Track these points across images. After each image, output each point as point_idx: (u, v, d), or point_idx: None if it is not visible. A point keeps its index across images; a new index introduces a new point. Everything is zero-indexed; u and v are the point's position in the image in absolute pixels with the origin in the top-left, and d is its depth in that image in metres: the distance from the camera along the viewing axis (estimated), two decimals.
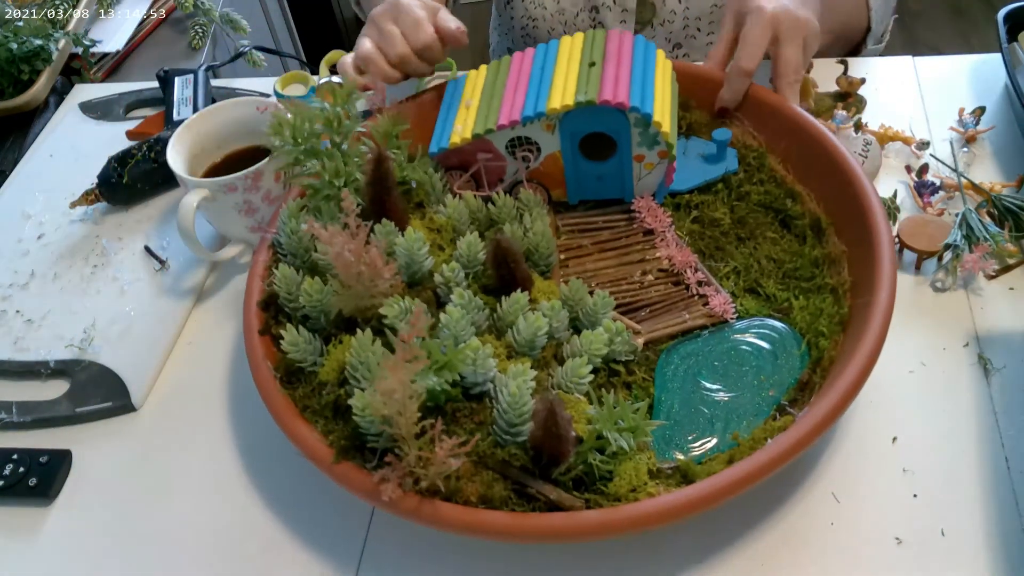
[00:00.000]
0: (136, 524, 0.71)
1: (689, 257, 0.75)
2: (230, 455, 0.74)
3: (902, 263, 0.78)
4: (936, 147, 0.87)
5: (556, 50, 0.79)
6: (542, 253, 0.73)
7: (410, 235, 0.69)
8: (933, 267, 0.77)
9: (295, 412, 0.65)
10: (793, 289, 0.72)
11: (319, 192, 0.73)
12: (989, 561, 0.60)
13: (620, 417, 0.59)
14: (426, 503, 0.58)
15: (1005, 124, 0.89)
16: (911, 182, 0.83)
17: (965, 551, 0.61)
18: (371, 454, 0.61)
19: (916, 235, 0.76)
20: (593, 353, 0.65)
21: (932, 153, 0.86)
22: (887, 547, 0.62)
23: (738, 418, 0.65)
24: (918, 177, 0.82)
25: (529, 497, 0.59)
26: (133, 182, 0.94)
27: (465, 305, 0.66)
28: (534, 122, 0.74)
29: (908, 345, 0.72)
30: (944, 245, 0.76)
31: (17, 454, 0.75)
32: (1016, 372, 0.70)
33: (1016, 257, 0.77)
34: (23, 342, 0.84)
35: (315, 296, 0.68)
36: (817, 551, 0.62)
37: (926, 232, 0.77)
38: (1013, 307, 0.74)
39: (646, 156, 0.76)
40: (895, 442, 0.67)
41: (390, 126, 0.77)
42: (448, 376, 0.60)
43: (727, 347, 0.70)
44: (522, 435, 0.60)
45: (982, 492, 0.63)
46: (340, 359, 0.66)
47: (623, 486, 0.59)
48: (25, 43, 1.15)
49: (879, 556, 0.61)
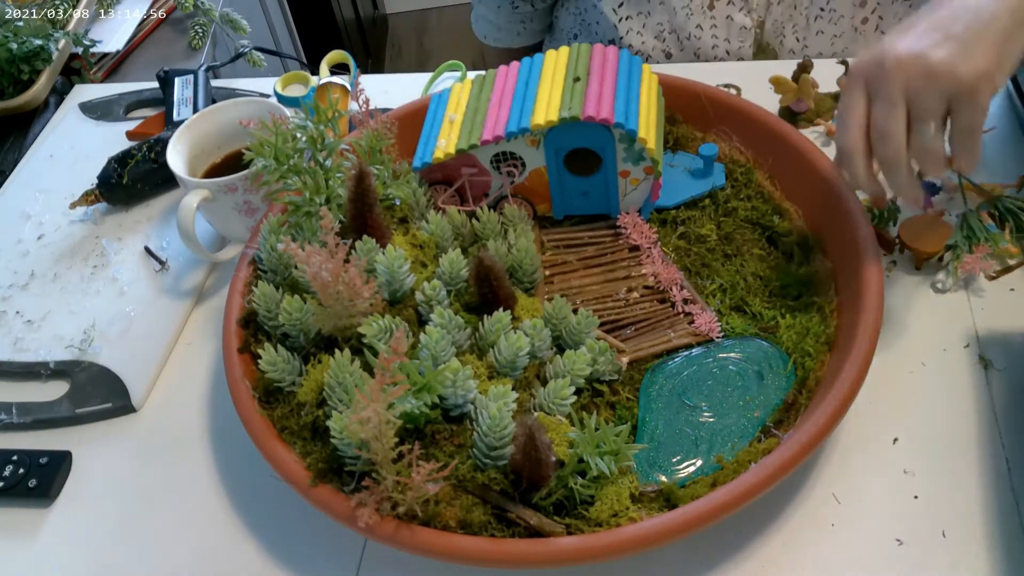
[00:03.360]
0: (136, 525, 0.70)
1: (675, 274, 0.74)
2: (230, 456, 0.74)
3: (902, 264, 0.78)
4: None
5: (541, 65, 0.78)
6: (526, 270, 0.72)
7: (391, 253, 0.68)
8: (933, 268, 0.77)
9: (273, 433, 0.64)
10: (780, 307, 0.71)
11: (300, 208, 0.73)
12: (990, 562, 0.60)
13: (602, 440, 0.58)
14: (403, 528, 0.57)
15: (1005, 125, 0.89)
16: None
17: (966, 552, 0.60)
18: (349, 477, 0.60)
19: (917, 236, 0.76)
20: (576, 374, 0.64)
21: None
22: (888, 548, 0.61)
23: (723, 440, 0.65)
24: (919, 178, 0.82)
25: (509, 522, 0.59)
26: (133, 182, 0.94)
27: (445, 325, 0.65)
28: (518, 137, 0.74)
29: (908, 346, 0.72)
30: (945, 246, 0.76)
31: (17, 455, 0.74)
32: (1017, 373, 0.69)
33: (1017, 258, 0.76)
34: (23, 343, 0.84)
35: (294, 314, 0.67)
36: (818, 552, 0.62)
37: (927, 233, 0.76)
38: (1014, 308, 0.74)
39: (631, 172, 0.75)
40: (896, 443, 0.67)
41: (373, 141, 0.76)
42: (427, 399, 0.59)
43: (712, 367, 0.69)
44: (503, 458, 0.60)
45: (983, 493, 0.63)
46: (319, 379, 0.65)
47: (605, 511, 0.58)
48: (25, 43, 1.14)
49: (880, 557, 0.61)
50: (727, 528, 0.63)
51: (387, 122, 0.77)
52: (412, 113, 0.85)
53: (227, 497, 0.71)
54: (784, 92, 0.90)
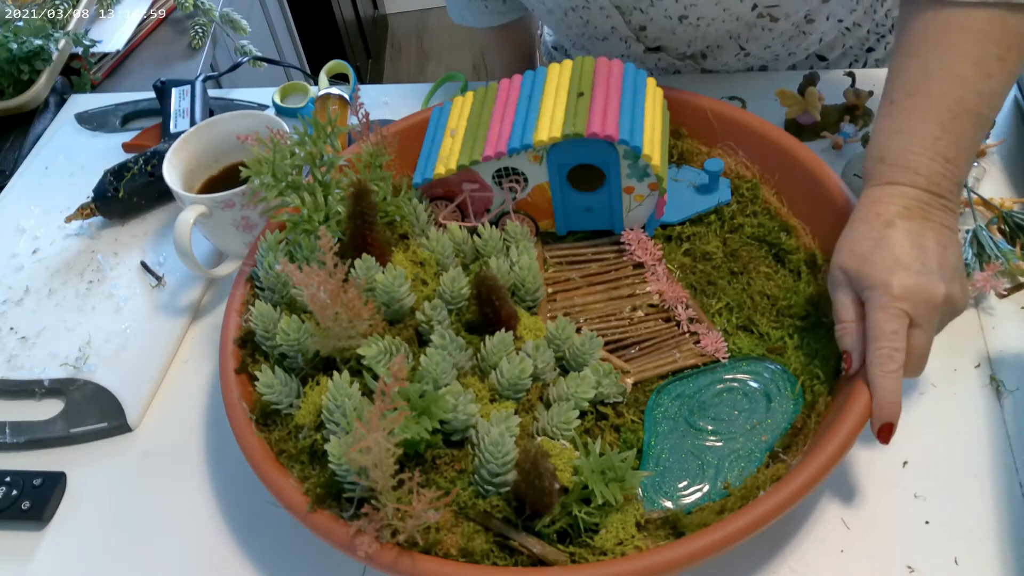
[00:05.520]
0: (131, 548, 0.69)
1: (680, 292, 0.73)
2: (228, 477, 0.72)
3: None
4: None
5: (544, 79, 0.77)
6: (528, 288, 0.71)
7: (391, 272, 0.67)
8: None
9: (271, 457, 0.63)
10: (787, 327, 0.70)
11: (298, 226, 0.71)
12: None
13: (607, 467, 0.57)
14: (404, 556, 0.56)
15: (1015, 138, 0.87)
16: None
17: None
18: (348, 503, 0.59)
19: None
20: (580, 397, 0.63)
21: None
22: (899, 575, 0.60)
23: (730, 464, 0.63)
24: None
25: (512, 550, 0.57)
26: (129, 196, 0.92)
27: (446, 346, 0.64)
28: (521, 153, 0.72)
29: None
30: None
31: (10, 476, 0.73)
32: None
33: None
34: (17, 360, 0.82)
35: (292, 335, 0.66)
36: None
37: None
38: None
39: (636, 188, 0.74)
40: (905, 466, 0.66)
41: (373, 156, 0.75)
42: (427, 424, 0.57)
43: (719, 389, 0.68)
44: (505, 485, 0.58)
45: (996, 519, 0.62)
46: (317, 402, 0.63)
47: (609, 539, 0.57)
48: (25, 43, 1.14)
49: None
50: (733, 554, 0.61)
51: (387, 136, 0.75)
52: (412, 127, 0.83)
53: (224, 519, 0.70)
54: (790, 105, 0.89)
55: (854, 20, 0.98)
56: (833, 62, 1.02)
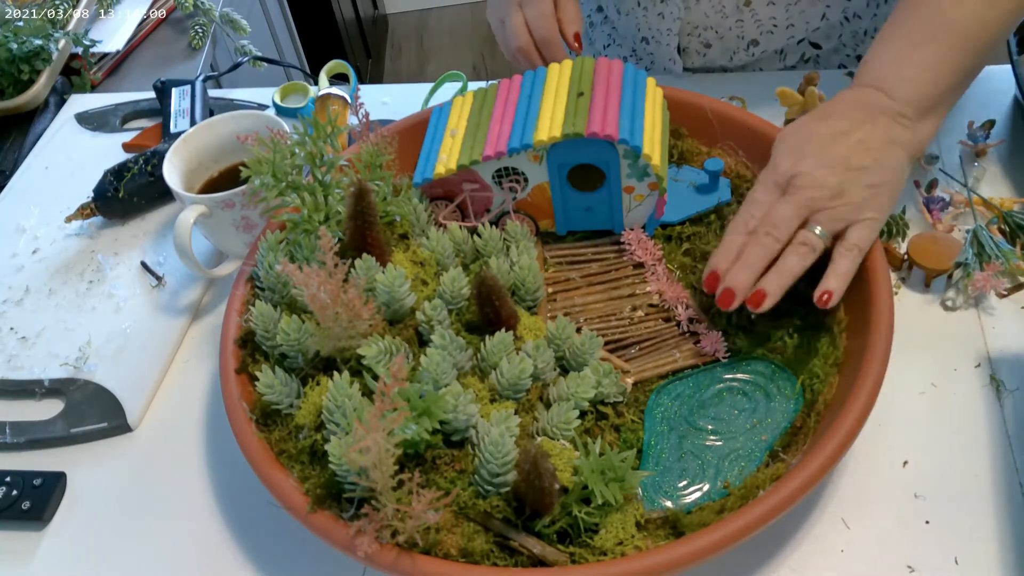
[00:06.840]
0: (132, 548, 0.69)
1: (680, 292, 0.73)
2: (228, 477, 0.72)
3: (911, 281, 0.77)
4: (945, 161, 0.86)
5: (544, 78, 0.77)
6: (528, 288, 0.71)
7: (391, 272, 0.67)
8: (943, 285, 0.76)
9: (271, 457, 0.63)
10: (787, 327, 0.70)
11: (298, 226, 0.71)
12: None
13: (607, 467, 0.57)
14: (404, 557, 0.56)
15: (1015, 137, 0.87)
16: (920, 197, 0.81)
17: None
18: (348, 503, 0.59)
19: (926, 252, 0.75)
20: (580, 397, 0.63)
21: (941, 167, 0.84)
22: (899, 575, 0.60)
23: (730, 464, 0.63)
24: (927, 192, 0.81)
25: (512, 550, 0.57)
26: (129, 196, 0.92)
27: (446, 346, 0.64)
28: (521, 153, 0.72)
29: (918, 365, 0.71)
30: (954, 263, 0.74)
31: (10, 476, 0.73)
32: None
33: None
34: (17, 360, 0.82)
35: (292, 335, 0.66)
36: None
37: (936, 249, 0.75)
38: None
39: (636, 187, 0.74)
40: (905, 466, 0.66)
41: (373, 156, 0.75)
42: (427, 424, 0.57)
43: (718, 388, 0.68)
44: (505, 485, 0.58)
45: (996, 519, 0.62)
46: (317, 402, 0.64)
47: (609, 539, 0.57)
48: (25, 43, 1.14)
49: None
50: (733, 553, 0.61)
51: (387, 136, 0.75)
52: (412, 127, 0.83)
53: (224, 519, 0.70)
54: (790, 105, 0.89)
55: (855, 11, 0.98)
56: (824, 56, 1.02)
